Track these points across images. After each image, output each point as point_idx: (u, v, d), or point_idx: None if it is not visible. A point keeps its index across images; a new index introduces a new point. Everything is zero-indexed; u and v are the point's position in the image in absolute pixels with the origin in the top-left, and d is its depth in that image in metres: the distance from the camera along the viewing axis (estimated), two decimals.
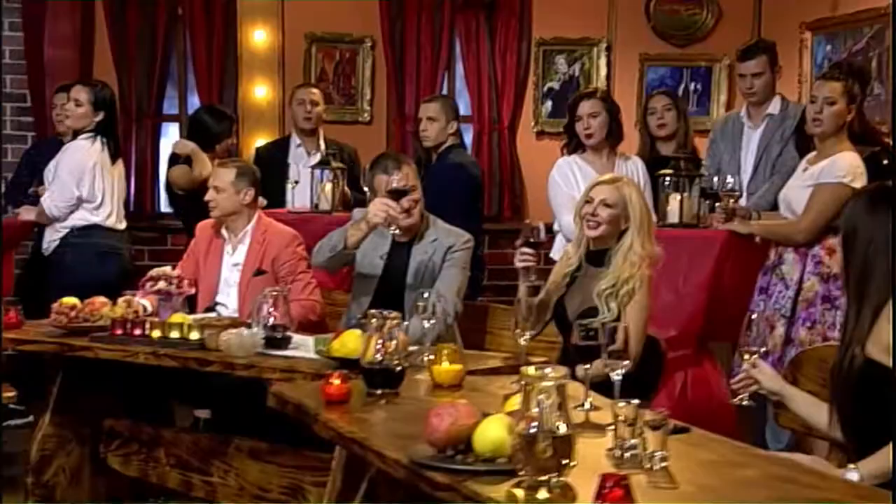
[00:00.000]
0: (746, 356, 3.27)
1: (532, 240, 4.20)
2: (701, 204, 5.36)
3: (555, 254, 5.53)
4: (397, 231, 4.59)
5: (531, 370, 2.31)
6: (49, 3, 7.40)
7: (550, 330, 4.29)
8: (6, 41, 7.42)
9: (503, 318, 4.56)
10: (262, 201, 5.60)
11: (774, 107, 5.42)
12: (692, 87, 7.89)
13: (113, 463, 4.72)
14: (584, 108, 5.50)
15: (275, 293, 4.35)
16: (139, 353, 4.37)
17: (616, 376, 2.88)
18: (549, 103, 7.85)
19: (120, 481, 4.60)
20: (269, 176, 5.99)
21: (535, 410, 2.09)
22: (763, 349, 3.31)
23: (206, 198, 5.18)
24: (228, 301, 5.11)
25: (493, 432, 2.36)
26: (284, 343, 4.21)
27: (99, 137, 5.90)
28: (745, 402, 3.34)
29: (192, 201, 6.17)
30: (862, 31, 6.88)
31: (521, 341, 3.37)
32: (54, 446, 4.87)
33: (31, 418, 5.29)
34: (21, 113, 7.44)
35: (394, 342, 3.27)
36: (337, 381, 3.23)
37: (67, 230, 5.89)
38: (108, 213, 5.99)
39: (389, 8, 7.55)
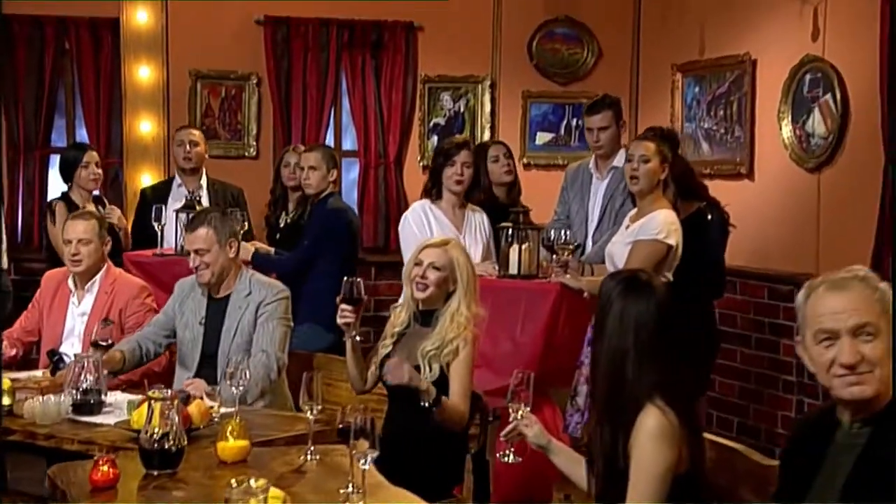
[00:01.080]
0: (513, 411, 3.26)
1: (354, 295, 4.21)
2: (540, 255, 5.43)
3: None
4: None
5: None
6: None
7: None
8: None
9: (340, 369, 4.50)
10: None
11: (619, 160, 5.46)
12: (573, 122, 7.95)
13: None
14: (462, 156, 5.51)
15: (87, 358, 4.24)
16: None
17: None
18: (434, 138, 7.83)
19: None
20: (153, 217, 6.14)
21: None
22: (527, 406, 3.25)
23: (72, 251, 5.07)
24: (72, 351, 4.97)
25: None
26: (97, 408, 4.07)
27: None
28: (510, 460, 3.33)
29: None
30: (725, 76, 7.16)
31: (309, 415, 3.35)
32: None
33: None
34: None
35: (173, 420, 3.22)
36: (105, 468, 3.14)
37: None
38: None
39: (274, 45, 7.52)
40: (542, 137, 8.03)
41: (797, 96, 6.54)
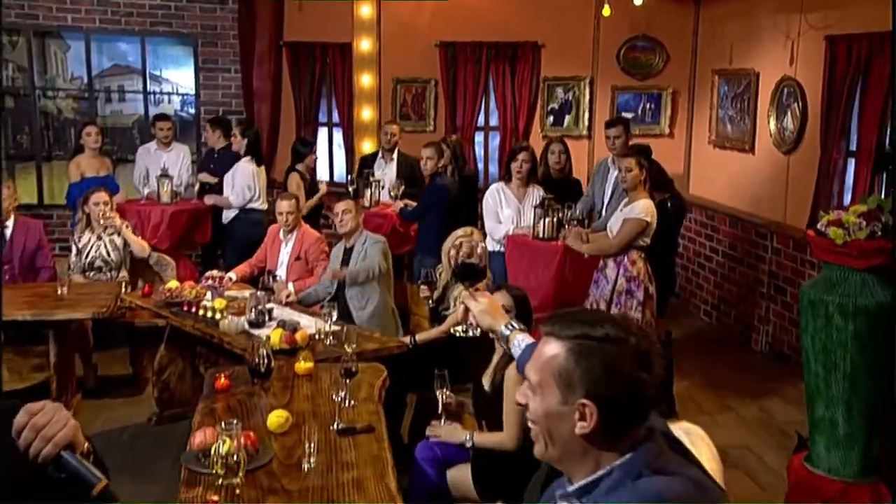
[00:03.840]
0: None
1: (430, 279, 5.26)
2: (561, 225, 6.29)
3: (488, 243, 6.43)
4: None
5: None
6: (258, 51, 9.19)
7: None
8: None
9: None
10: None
11: None
12: (648, 106, 9.25)
13: (201, 369, 5.69)
14: (522, 156, 6.63)
15: (261, 294, 5.26)
16: (186, 323, 5.44)
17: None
18: (550, 117, 9.32)
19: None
20: (359, 175, 7.85)
21: None
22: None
23: (283, 219, 6.26)
24: (280, 272, 6.25)
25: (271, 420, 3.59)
26: (261, 325, 5.04)
27: (251, 156, 7.68)
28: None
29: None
30: (741, 81, 8.27)
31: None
32: (167, 360, 6.01)
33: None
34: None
35: (264, 350, 4.03)
36: (223, 379, 4.16)
37: (237, 210, 7.71)
38: (260, 201, 7.81)
39: (446, 60, 9.01)
40: (626, 116, 8.69)
41: (779, 102, 7.66)
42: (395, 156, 8.21)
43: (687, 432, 2.56)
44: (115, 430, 6.02)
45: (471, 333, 2.99)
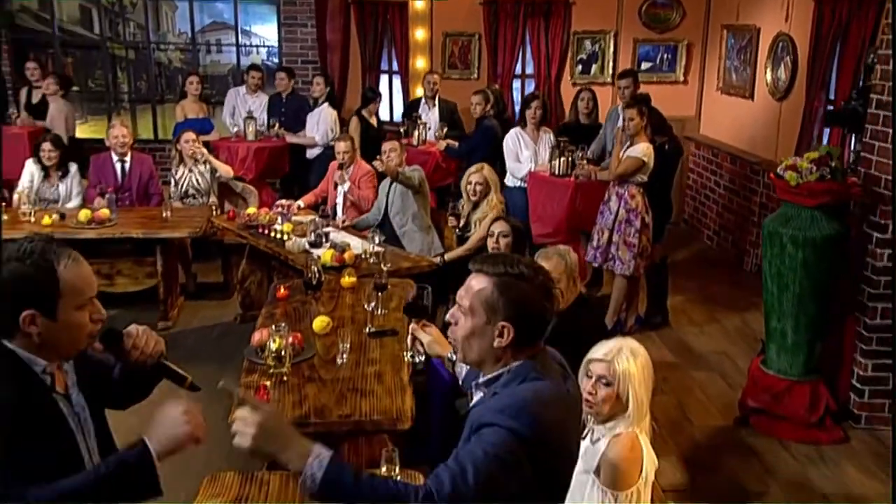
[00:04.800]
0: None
1: (456, 212, 5.64)
2: (572, 162, 6.36)
3: (508, 181, 6.68)
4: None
5: None
6: (330, 8, 9.06)
7: None
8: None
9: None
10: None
11: None
12: (665, 56, 9.20)
13: (275, 279, 5.65)
14: (534, 104, 6.65)
15: (320, 220, 5.47)
16: (260, 243, 5.71)
17: None
18: (579, 66, 9.31)
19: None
20: (405, 115, 7.93)
21: None
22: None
23: (340, 158, 6.29)
24: (339, 200, 6.47)
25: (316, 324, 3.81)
26: (319, 245, 5.31)
27: (328, 102, 7.92)
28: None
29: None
30: (745, 35, 8.24)
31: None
32: (248, 272, 6.25)
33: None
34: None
35: (316, 267, 4.25)
36: (283, 290, 4.41)
37: (322, 148, 7.92)
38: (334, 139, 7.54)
39: (489, 16, 9.01)
40: (645, 65, 9.24)
41: (775, 55, 7.67)
42: (436, 102, 8.28)
43: (632, 351, 2.76)
44: (208, 326, 6.37)
45: (417, 360, 3.38)
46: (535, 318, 2.00)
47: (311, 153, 8.00)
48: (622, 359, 2.67)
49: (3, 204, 6.29)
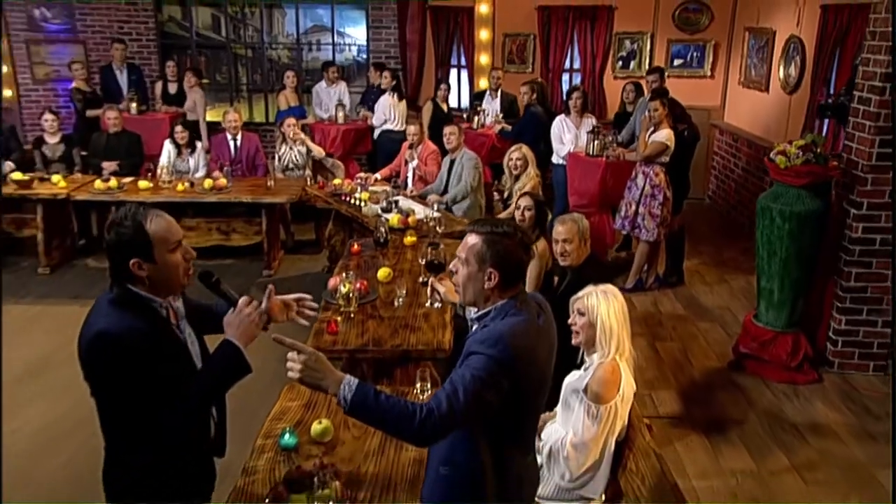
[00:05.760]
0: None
1: (499, 188, 5.84)
2: (605, 145, 6.37)
3: (553, 159, 6.77)
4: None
5: None
6: (410, 13, 8.97)
7: None
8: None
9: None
10: None
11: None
12: (695, 54, 8.99)
13: (355, 238, 5.52)
14: (575, 95, 6.66)
15: (391, 190, 5.56)
16: (342, 208, 5.85)
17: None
18: (620, 62, 9.15)
19: None
20: (471, 104, 7.89)
21: None
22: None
23: (410, 139, 6.21)
24: (409, 174, 6.42)
25: (380, 273, 3.92)
26: (390, 210, 5.40)
27: (392, 91, 7.85)
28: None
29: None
30: (763, 37, 8.06)
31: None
32: (334, 231, 6.31)
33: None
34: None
35: (383, 228, 4.48)
36: (356, 246, 4.56)
37: (379, 131, 7.91)
38: (395, 123, 7.94)
39: (542, 19, 8.92)
40: (677, 62, 9.07)
41: (787, 55, 7.50)
42: (498, 93, 8.29)
43: (604, 291, 2.95)
44: (302, 275, 6.60)
45: (437, 305, 3.55)
46: (515, 266, 2.13)
47: (375, 134, 8.07)
48: (592, 296, 2.86)
49: (150, 174, 6.66)
